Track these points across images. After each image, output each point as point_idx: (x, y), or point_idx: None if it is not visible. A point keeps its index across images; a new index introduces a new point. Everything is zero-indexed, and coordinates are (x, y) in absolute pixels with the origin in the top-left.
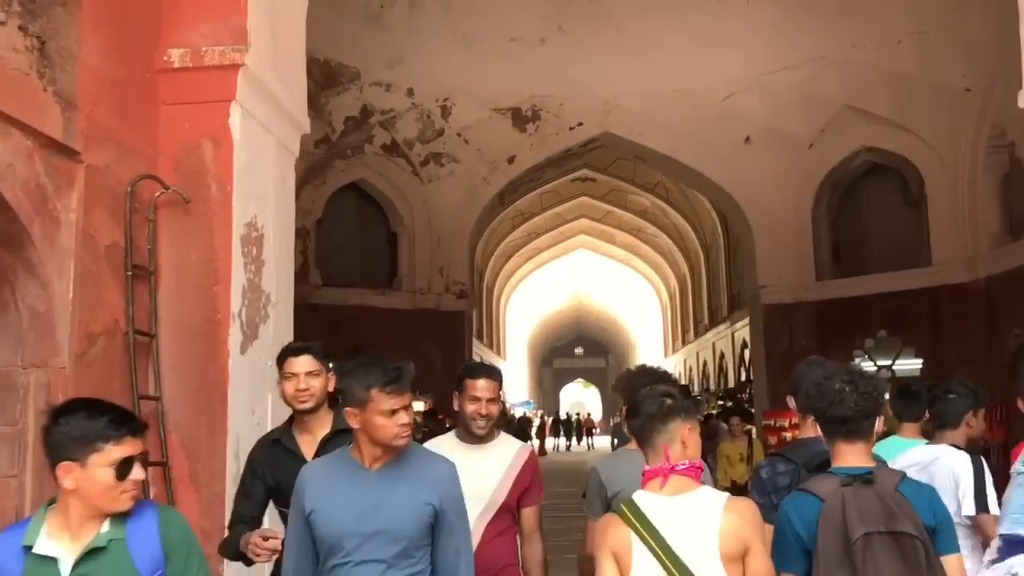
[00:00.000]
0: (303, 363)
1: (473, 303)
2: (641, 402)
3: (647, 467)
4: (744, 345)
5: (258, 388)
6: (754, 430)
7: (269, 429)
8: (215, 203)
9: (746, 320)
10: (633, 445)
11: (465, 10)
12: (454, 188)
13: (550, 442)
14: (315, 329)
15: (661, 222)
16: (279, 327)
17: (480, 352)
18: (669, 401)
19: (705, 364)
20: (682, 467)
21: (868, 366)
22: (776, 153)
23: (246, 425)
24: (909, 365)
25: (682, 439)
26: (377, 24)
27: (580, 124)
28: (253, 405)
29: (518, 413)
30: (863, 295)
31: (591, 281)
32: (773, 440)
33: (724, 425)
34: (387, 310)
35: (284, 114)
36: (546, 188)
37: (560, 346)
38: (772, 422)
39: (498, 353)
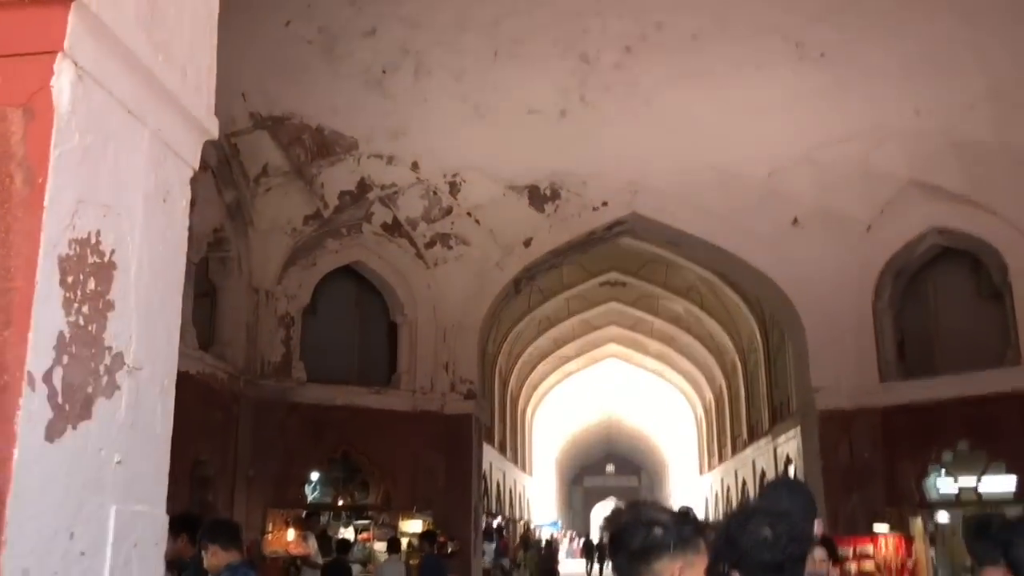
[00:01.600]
0: None
1: (483, 405)
2: (621, 534)
3: None
4: (788, 461)
5: (85, 498)
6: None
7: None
8: (16, 202)
9: (789, 433)
10: None
11: (477, 78)
12: (463, 273)
13: (576, 565)
14: (296, 432)
15: (695, 330)
16: (143, 407)
17: (495, 463)
18: (657, 531)
19: (744, 483)
20: None
21: (949, 484)
22: (829, 237)
23: (55, 556)
24: (999, 484)
25: None
26: (379, 90)
27: (604, 204)
28: (72, 525)
29: (545, 534)
30: (937, 399)
31: (622, 394)
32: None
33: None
34: (382, 411)
35: (169, 101)
36: (573, 292)
37: (590, 464)
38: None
39: (523, 468)
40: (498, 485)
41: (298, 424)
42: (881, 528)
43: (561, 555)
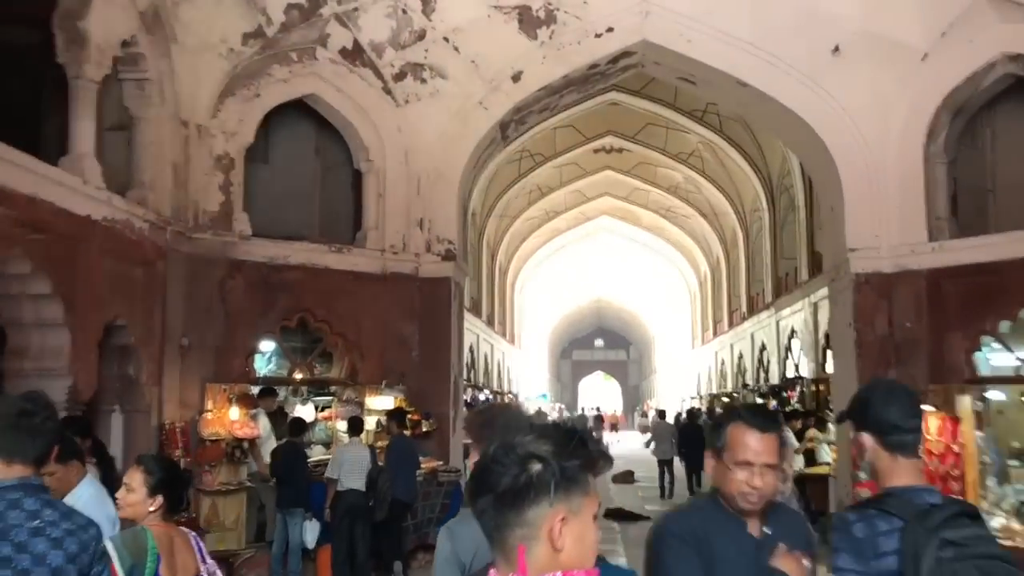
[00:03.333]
0: None
1: (463, 268)
2: (485, 471)
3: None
4: (792, 335)
5: None
6: (817, 434)
7: None
8: None
9: (796, 305)
10: None
11: None
12: (439, 113)
13: None
14: (240, 295)
15: (693, 199)
16: None
17: (483, 335)
18: (535, 467)
19: (741, 357)
20: None
21: (1005, 358)
22: (876, 67)
23: None
24: None
25: (550, 535)
26: None
27: (609, 30)
28: None
29: (533, 407)
30: (995, 261)
31: (614, 268)
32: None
33: (790, 433)
34: (346, 273)
35: None
36: (566, 159)
37: (580, 338)
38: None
39: (512, 342)
40: (486, 359)
41: (243, 285)
42: (924, 408)
43: None
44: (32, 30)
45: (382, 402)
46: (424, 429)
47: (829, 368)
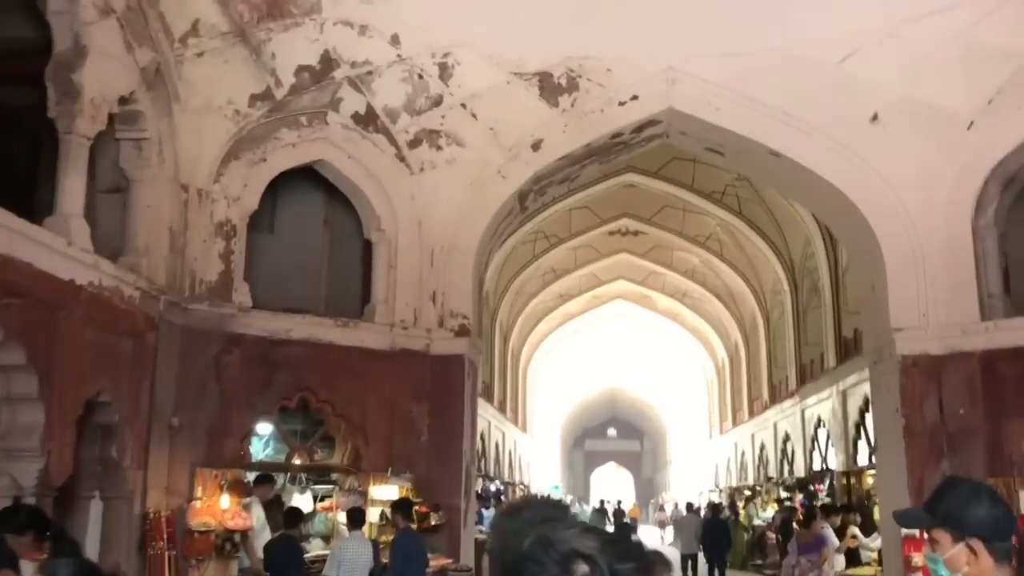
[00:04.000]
0: None
1: (478, 346)
2: (520, 567)
3: None
4: (818, 423)
5: None
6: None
7: None
8: None
9: (822, 393)
10: None
11: None
12: (456, 181)
13: None
14: (237, 371)
15: (711, 283)
16: None
17: (494, 422)
18: (581, 569)
19: (763, 448)
20: None
21: None
22: (918, 137)
23: None
24: None
25: None
26: None
27: (634, 98)
28: None
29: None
30: None
31: (628, 355)
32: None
33: (827, 528)
34: (351, 349)
35: None
36: (581, 241)
37: (592, 427)
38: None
39: (524, 430)
40: (497, 447)
41: (240, 361)
42: None
43: None
44: (32, 90)
45: (387, 492)
46: (433, 523)
47: (861, 460)
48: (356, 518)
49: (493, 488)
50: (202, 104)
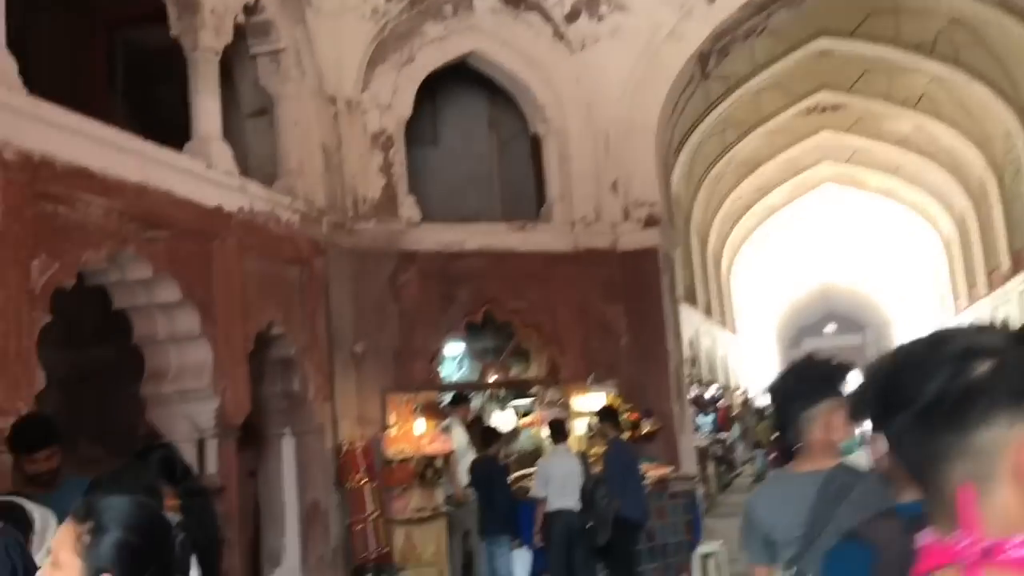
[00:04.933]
0: None
1: (670, 235)
2: (900, 373)
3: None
4: None
5: None
6: None
7: None
8: None
9: None
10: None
11: None
12: (623, 53)
13: None
14: (416, 289)
15: (928, 150)
16: None
17: (704, 329)
18: (982, 366)
19: (1005, 323)
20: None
21: None
22: None
23: None
24: None
25: (1018, 471)
26: None
27: None
28: None
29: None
30: None
31: (839, 243)
32: None
33: None
34: (532, 255)
35: None
36: (775, 124)
37: (808, 325)
38: None
39: (734, 333)
40: (707, 353)
41: (418, 279)
42: None
43: None
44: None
45: (590, 401)
46: (645, 430)
47: None
48: (558, 430)
49: (708, 395)
50: (336, 6)
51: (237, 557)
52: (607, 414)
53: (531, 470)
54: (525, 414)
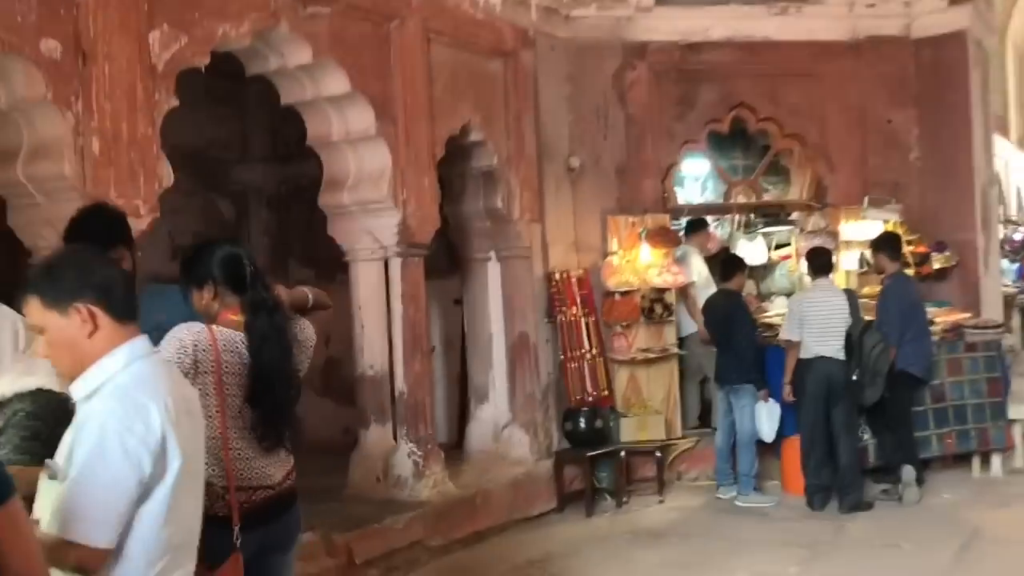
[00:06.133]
0: None
1: (988, 19)
2: None
3: None
4: None
5: None
6: None
7: None
8: None
9: None
10: None
11: None
12: None
13: None
14: (646, 90)
15: None
16: None
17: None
18: None
19: None
20: None
21: None
22: None
23: None
24: None
25: None
26: None
27: None
28: None
29: None
30: None
31: None
32: None
33: None
34: (797, 45)
35: None
36: None
37: None
38: None
39: None
40: (1019, 192)
41: (648, 77)
42: None
43: None
44: None
45: (865, 229)
46: (937, 266)
47: None
48: (819, 262)
49: (1020, 236)
50: None
51: (444, 397)
52: (886, 243)
53: (782, 311)
54: (780, 246)
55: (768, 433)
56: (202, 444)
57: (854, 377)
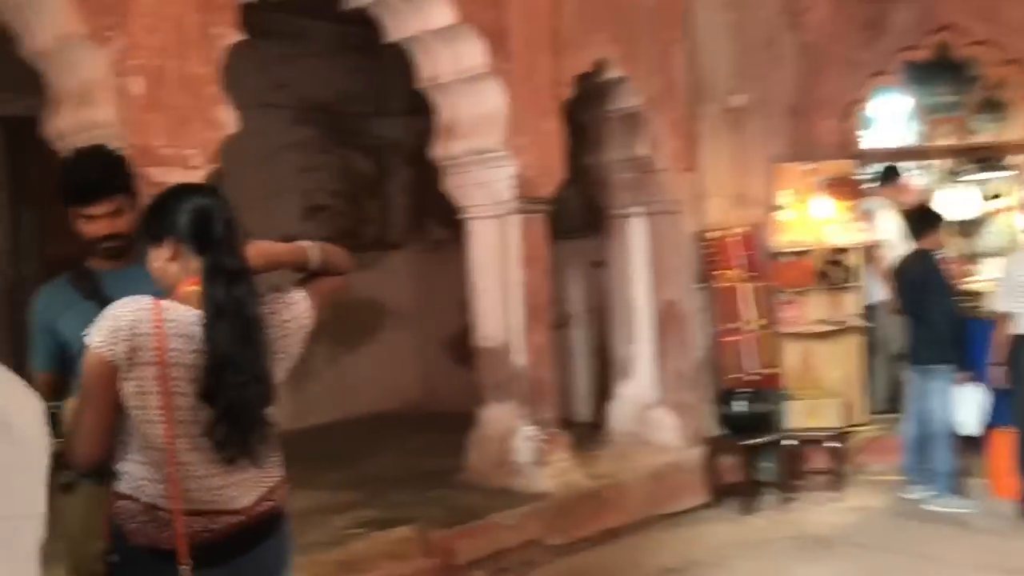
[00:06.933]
0: None
1: None
2: None
3: None
4: None
5: None
6: None
7: None
8: None
9: None
10: None
11: None
12: None
13: None
14: (824, 14)
15: None
16: None
17: None
18: None
19: None
20: None
21: None
22: None
23: None
24: None
25: None
26: None
27: None
28: None
29: None
30: None
31: None
32: None
33: None
34: None
35: None
36: None
37: None
38: None
39: None
40: None
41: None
42: None
43: None
44: None
45: None
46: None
47: None
48: None
49: None
50: None
51: (584, 372)
52: None
53: (994, 276)
54: (995, 196)
55: (969, 424)
56: (21, 481)
57: None
